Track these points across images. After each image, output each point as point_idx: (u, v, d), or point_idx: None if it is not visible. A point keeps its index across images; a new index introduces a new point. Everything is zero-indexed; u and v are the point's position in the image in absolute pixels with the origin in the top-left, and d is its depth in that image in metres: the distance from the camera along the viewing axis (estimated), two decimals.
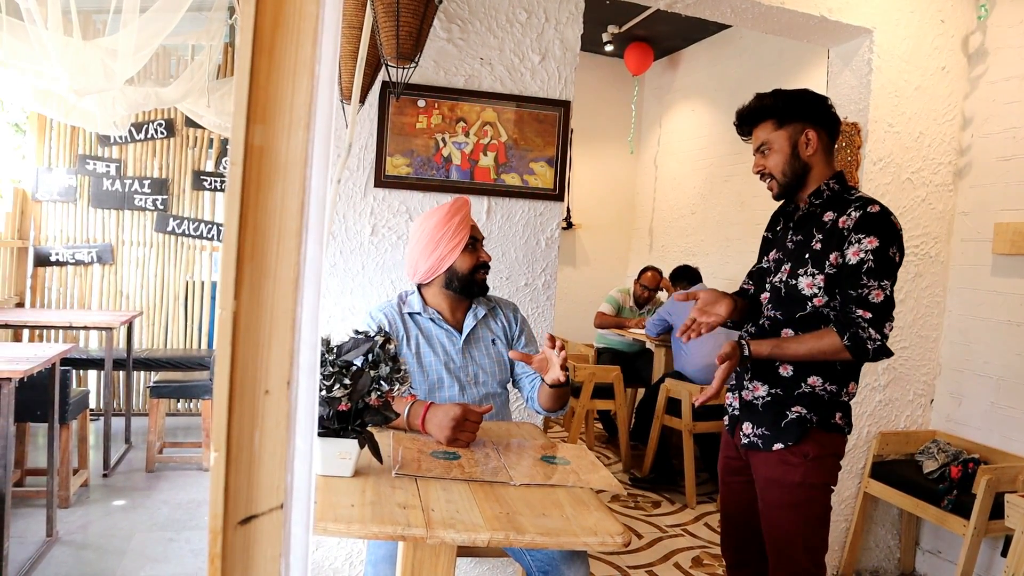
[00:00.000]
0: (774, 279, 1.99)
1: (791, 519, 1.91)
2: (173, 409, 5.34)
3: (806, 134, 1.89)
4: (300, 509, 0.44)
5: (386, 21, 2.04)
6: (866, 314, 1.77)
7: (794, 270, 1.91)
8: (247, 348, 0.41)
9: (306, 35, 0.42)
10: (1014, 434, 3.02)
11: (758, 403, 1.96)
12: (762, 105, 1.91)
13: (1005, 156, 3.11)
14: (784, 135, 1.90)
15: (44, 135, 4.98)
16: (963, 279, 3.28)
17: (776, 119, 1.90)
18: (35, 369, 2.73)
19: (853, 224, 1.81)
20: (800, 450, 1.88)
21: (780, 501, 1.92)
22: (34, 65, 2.88)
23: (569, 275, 6.48)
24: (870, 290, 1.78)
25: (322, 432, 1.45)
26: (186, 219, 5.20)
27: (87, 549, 3.01)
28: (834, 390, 1.89)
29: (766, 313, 1.99)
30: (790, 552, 1.92)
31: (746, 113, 1.94)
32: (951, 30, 3.24)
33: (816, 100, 1.92)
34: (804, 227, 1.94)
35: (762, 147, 1.93)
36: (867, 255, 1.78)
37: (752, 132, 1.96)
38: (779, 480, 1.91)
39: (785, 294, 1.92)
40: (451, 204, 2.08)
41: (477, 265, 2.09)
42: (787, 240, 1.99)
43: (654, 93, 6.59)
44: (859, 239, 1.79)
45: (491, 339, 2.17)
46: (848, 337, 1.77)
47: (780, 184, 1.93)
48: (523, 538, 1.28)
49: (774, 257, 2.03)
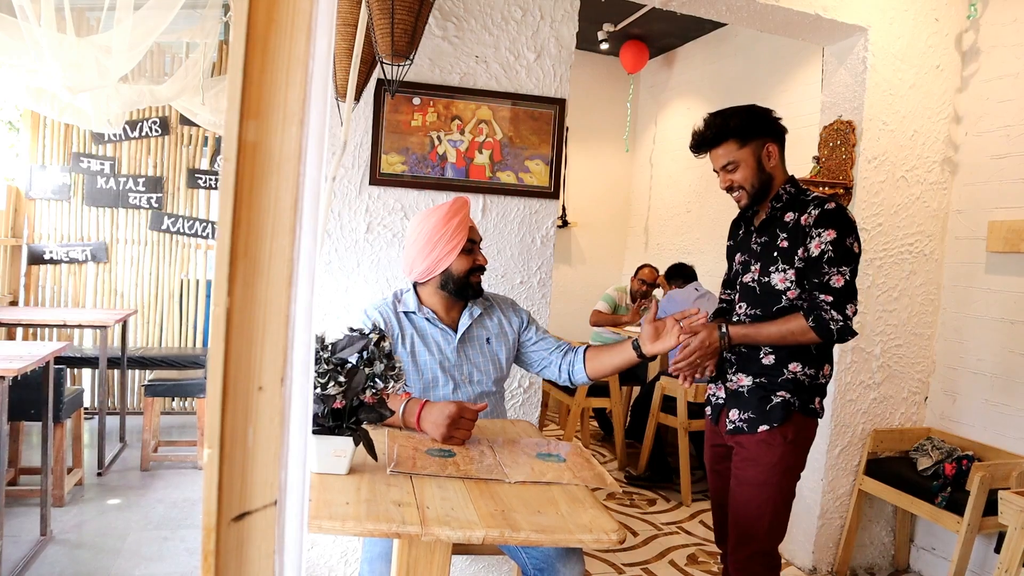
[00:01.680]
0: (744, 279, 2.15)
1: (760, 499, 2.03)
2: (168, 408, 5.33)
3: (767, 148, 2.06)
4: (294, 506, 0.44)
5: (381, 18, 2.04)
6: (827, 297, 1.93)
7: (764, 268, 2.06)
8: (241, 344, 0.41)
9: (300, 30, 0.41)
10: (1008, 431, 3.03)
11: (743, 391, 2.09)
12: (726, 126, 2.05)
13: (999, 154, 3.12)
14: (749, 151, 2.05)
15: (38, 133, 4.96)
16: (957, 277, 3.29)
17: (739, 138, 2.04)
18: (29, 367, 2.72)
19: (813, 220, 1.98)
20: (782, 432, 2.02)
21: (754, 479, 2.04)
22: (28, 62, 2.87)
23: (565, 273, 6.48)
24: (830, 276, 1.94)
25: (317, 430, 1.45)
26: (181, 217, 5.18)
27: (81, 548, 3.01)
28: (812, 373, 2.05)
29: (741, 312, 2.14)
30: (754, 531, 2.04)
31: (711, 135, 2.07)
32: (945, 28, 3.25)
33: (770, 116, 2.08)
34: (767, 229, 2.09)
35: (728, 165, 2.07)
36: (827, 246, 1.94)
37: (710, 151, 2.10)
38: (757, 459, 2.04)
39: (760, 292, 2.08)
40: (450, 205, 2.06)
41: (472, 268, 2.08)
42: (751, 243, 2.15)
43: (649, 91, 6.60)
44: (819, 233, 1.96)
45: (486, 338, 2.16)
46: (813, 319, 1.94)
47: (749, 195, 2.08)
48: (518, 535, 1.28)
49: (740, 260, 2.20)
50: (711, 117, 2.09)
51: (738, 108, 2.08)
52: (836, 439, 3.22)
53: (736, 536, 2.08)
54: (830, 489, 3.24)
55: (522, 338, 2.22)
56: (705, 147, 2.10)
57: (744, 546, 2.06)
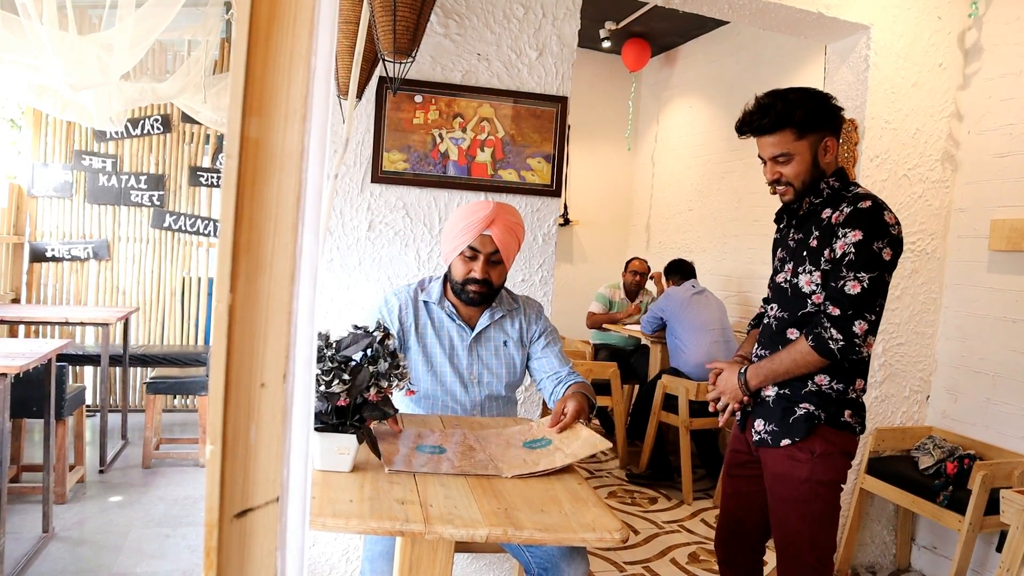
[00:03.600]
0: (778, 278, 2.00)
1: (797, 515, 1.91)
2: (169, 405, 5.33)
3: (826, 143, 1.85)
4: (296, 503, 0.44)
5: (383, 16, 2.04)
6: (834, 311, 1.77)
7: (795, 268, 1.92)
8: (243, 341, 0.41)
9: (302, 27, 0.41)
10: (1010, 430, 3.03)
11: (769, 400, 1.96)
12: (789, 115, 1.81)
13: (1001, 152, 3.12)
14: (806, 145, 1.83)
15: (40, 130, 4.96)
16: (959, 275, 3.29)
17: (799, 129, 1.82)
18: (31, 365, 2.73)
19: (843, 219, 1.80)
20: (807, 446, 1.88)
21: (787, 496, 1.92)
22: (30, 60, 2.87)
23: (566, 271, 6.48)
24: (846, 281, 1.76)
25: (321, 427, 1.45)
26: (182, 215, 5.19)
27: (83, 545, 3.01)
28: (841, 388, 1.89)
29: (772, 313, 2.01)
30: (796, 548, 1.93)
31: (768, 123, 1.82)
32: (948, 27, 3.24)
33: (835, 108, 1.86)
34: (804, 225, 1.94)
35: (780, 157, 1.85)
36: (850, 247, 1.76)
37: (761, 137, 1.87)
38: (786, 476, 1.92)
39: (790, 293, 1.93)
40: (471, 206, 2.01)
41: (467, 278, 2.01)
42: (789, 239, 2.00)
43: (651, 90, 6.59)
44: (844, 233, 1.78)
45: (503, 340, 2.12)
46: (812, 339, 1.80)
47: (797, 192, 1.89)
48: (521, 534, 1.28)
49: (779, 256, 2.04)
50: (770, 99, 1.83)
51: (801, 93, 1.83)
52: None
53: (780, 556, 1.98)
54: None
55: (529, 348, 2.17)
56: (758, 133, 1.85)
57: (788, 564, 1.95)
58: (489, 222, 1.96)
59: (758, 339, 2.08)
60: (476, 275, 1.99)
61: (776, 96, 1.84)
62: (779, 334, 1.96)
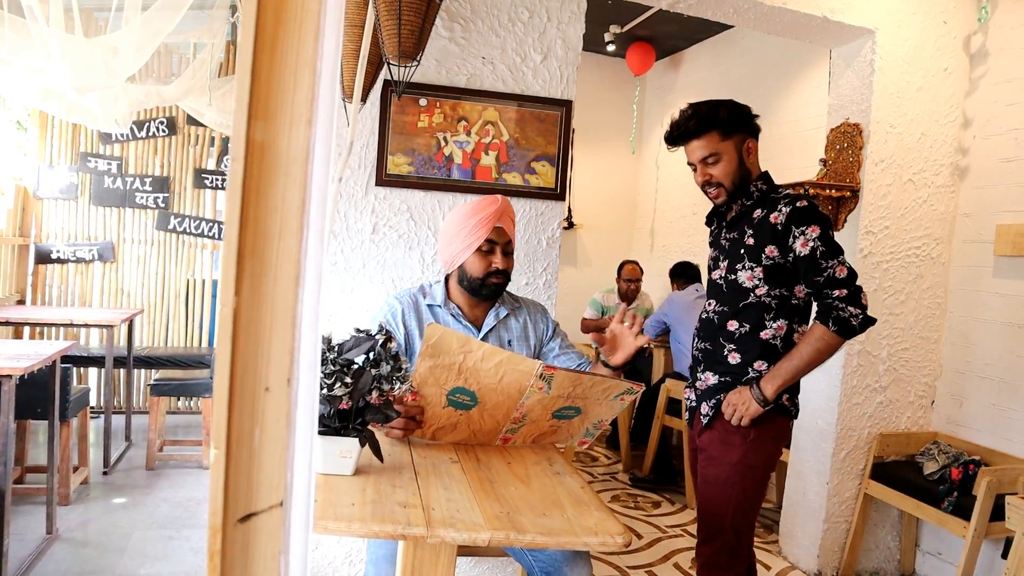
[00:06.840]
0: (713, 276, 2.14)
1: (724, 496, 2.02)
2: (173, 407, 5.34)
3: (748, 144, 2.03)
4: (300, 507, 0.44)
5: (388, 19, 2.04)
6: (841, 292, 1.92)
7: (731, 266, 2.05)
8: (247, 345, 0.41)
9: (308, 31, 0.41)
10: (1015, 436, 3.01)
11: (710, 389, 2.09)
12: (712, 117, 1.99)
13: (1007, 157, 3.11)
14: (731, 145, 2.01)
15: (46, 132, 4.98)
16: (964, 281, 3.28)
17: (722, 130, 2.00)
18: (36, 366, 2.73)
19: (785, 219, 1.95)
20: (741, 431, 2.00)
21: (716, 478, 2.04)
22: (36, 62, 2.88)
23: (570, 275, 6.47)
24: (833, 269, 1.92)
25: (323, 430, 1.45)
26: (187, 217, 5.20)
27: (87, 546, 3.01)
28: None
29: (710, 309, 2.13)
30: (718, 525, 2.03)
31: (695, 125, 2.01)
32: (953, 31, 3.24)
33: (749, 112, 2.05)
34: (736, 225, 2.08)
35: (708, 158, 2.02)
36: (815, 242, 1.92)
37: (689, 143, 2.05)
38: (719, 458, 2.04)
39: (727, 289, 2.06)
40: (477, 201, 2.02)
41: (488, 272, 2.01)
42: (721, 239, 2.14)
43: (656, 93, 6.59)
44: (802, 231, 1.93)
45: (508, 340, 2.12)
46: (832, 322, 1.92)
47: (728, 192, 2.05)
48: (524, 538, 1.28)
49: (712, 255, 2.19)
50: (692, 107, 2.03)
51: (717, 101, 2.03)
52: (841, 443, 3.21)
53: (702, 533, 2.08)
54: (835, 493, 3.23)
55: (545, 347, 2.17)
56: (686, 138, 2.04)
57: (709, 542, 2.06)
58: (500, 214, 2.01)
59: (696, 333, 2.20)
60: (499, 266, 2.02)
61: (697, 104, 2.04)
62: (720, 328, 2.08)
